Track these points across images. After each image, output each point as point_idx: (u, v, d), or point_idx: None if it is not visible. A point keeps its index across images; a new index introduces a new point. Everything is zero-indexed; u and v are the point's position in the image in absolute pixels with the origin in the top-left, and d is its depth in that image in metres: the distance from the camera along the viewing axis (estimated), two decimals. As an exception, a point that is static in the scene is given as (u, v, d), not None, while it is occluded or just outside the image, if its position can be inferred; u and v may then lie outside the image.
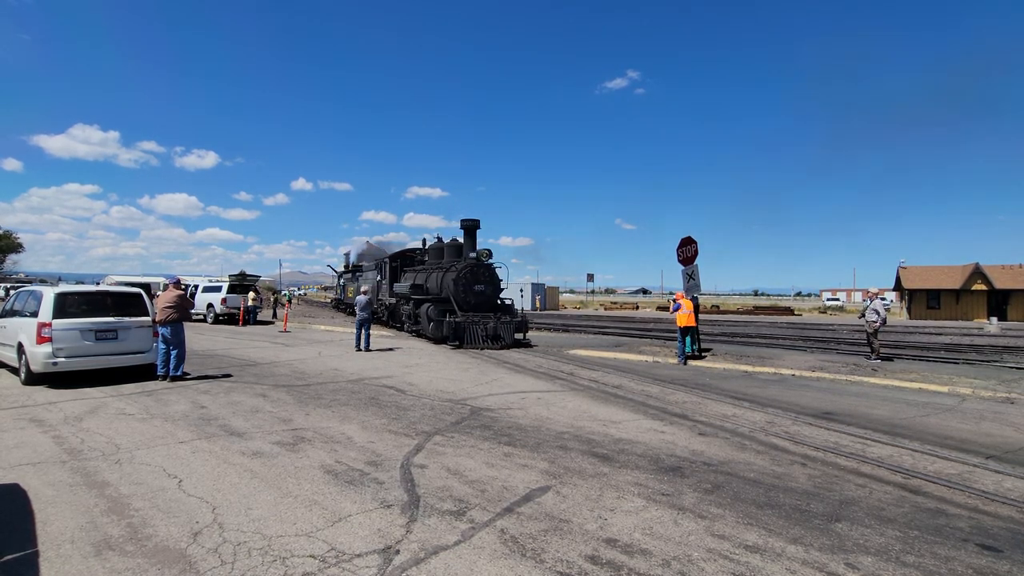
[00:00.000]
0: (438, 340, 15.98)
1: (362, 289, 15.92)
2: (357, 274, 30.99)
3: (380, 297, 23.78)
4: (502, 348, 15.15)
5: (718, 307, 57.11)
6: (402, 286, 19.89)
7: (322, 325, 23.78)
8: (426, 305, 16.80)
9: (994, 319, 30.46)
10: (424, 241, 23.16)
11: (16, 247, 59.52)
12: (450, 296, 16.33)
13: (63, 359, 8.52)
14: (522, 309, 21.86)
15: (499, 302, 17.37)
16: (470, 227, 17.77)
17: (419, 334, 18.02)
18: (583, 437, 6.02)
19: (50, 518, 3.72)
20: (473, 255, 17.14)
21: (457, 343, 15.20)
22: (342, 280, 36.39)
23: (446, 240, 20.68)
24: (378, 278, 24.53)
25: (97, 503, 3.99)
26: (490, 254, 17.27)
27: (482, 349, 14.87)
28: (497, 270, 17.48)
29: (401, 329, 20.11)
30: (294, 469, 4.77)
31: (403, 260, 22.99)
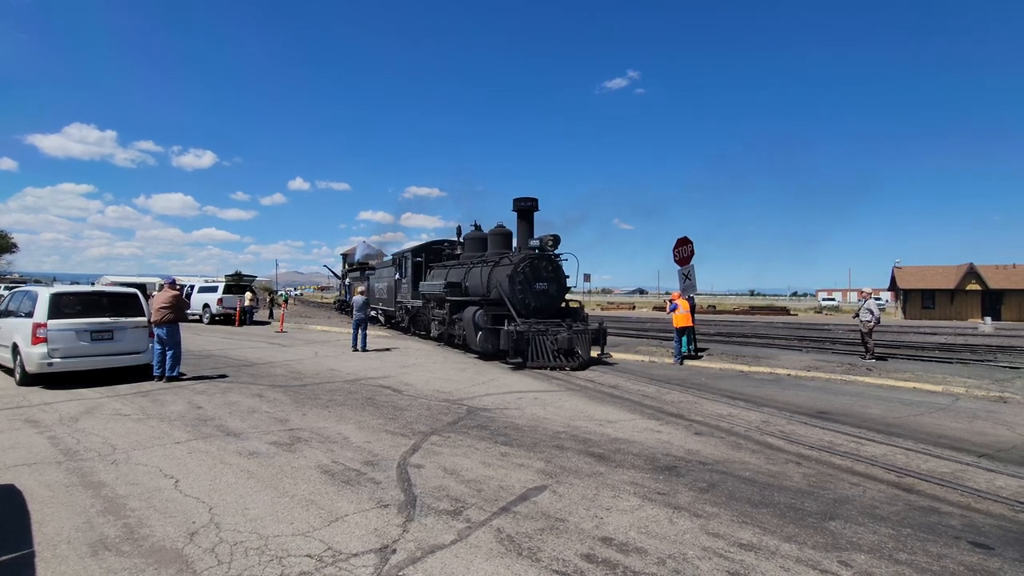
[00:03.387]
0: (487, 355, 12.74)
1: (359, 289, 15.86)
2: (368, 272, 27.57)
3: (399, 299, 20.04)
4: (579, 368, 11.46)
5: (714, 307, 57.28)
6: (432, 285, 16.26)
7: (319, 326, 23.74)
8: (472, 309, 13.00)
9: (988, 319, 30.66)
10: (459, 230, 18.94)
11: (10, 247, 59.16)
12: (504, 297, 12.51)
13: (58, 359, 8.48)
14: None
15: (564, 304, 13.68)
16: (526, 209, 13.55)
17: (455, 344, 14.95)
18: (579, 437, 6.04)
19: (46, 518, 3.72)
20: (535, 242, 12.99)
21: (520, 360, 11.46)
22: (348, 280, 33.30)
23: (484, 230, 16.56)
24: (396, 276, 20.43)
25: (93, 503, 3.99)
26: (557, 241, 13.02)
27: (552, 369, 11.33)
28: (562, 263, 13.47)
29: (428, 337, 17.24)
30: (291, 469, 4.78)
31: (429, 254, 19.05)
